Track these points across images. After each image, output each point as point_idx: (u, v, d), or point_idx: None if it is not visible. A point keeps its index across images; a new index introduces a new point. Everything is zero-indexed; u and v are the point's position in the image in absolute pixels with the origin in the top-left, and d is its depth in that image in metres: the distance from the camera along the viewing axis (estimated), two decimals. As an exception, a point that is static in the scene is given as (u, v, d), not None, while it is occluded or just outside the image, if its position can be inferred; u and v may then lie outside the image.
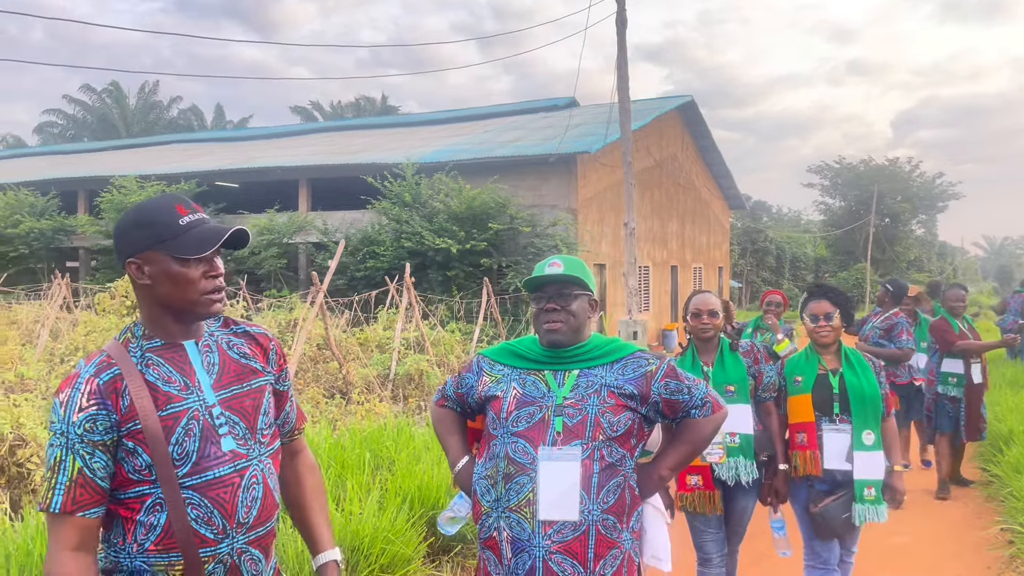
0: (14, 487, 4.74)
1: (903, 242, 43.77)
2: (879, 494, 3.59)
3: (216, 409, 1.80)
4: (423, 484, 4.90)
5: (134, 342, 1.83)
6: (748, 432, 3.64)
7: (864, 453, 3.58)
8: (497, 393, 2.45)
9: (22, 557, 3.51)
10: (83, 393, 1.72)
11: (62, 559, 1.66)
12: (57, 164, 29.77)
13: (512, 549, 2.30)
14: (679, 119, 25.28)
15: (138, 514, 1.73)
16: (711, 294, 3.86)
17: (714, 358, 3.75)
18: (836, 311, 3.72)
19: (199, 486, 1.74)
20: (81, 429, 1.69)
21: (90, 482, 1.69)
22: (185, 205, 1.81)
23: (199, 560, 1.73)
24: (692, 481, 3.66)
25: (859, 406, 3.61)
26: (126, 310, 6.41)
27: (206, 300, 1.81)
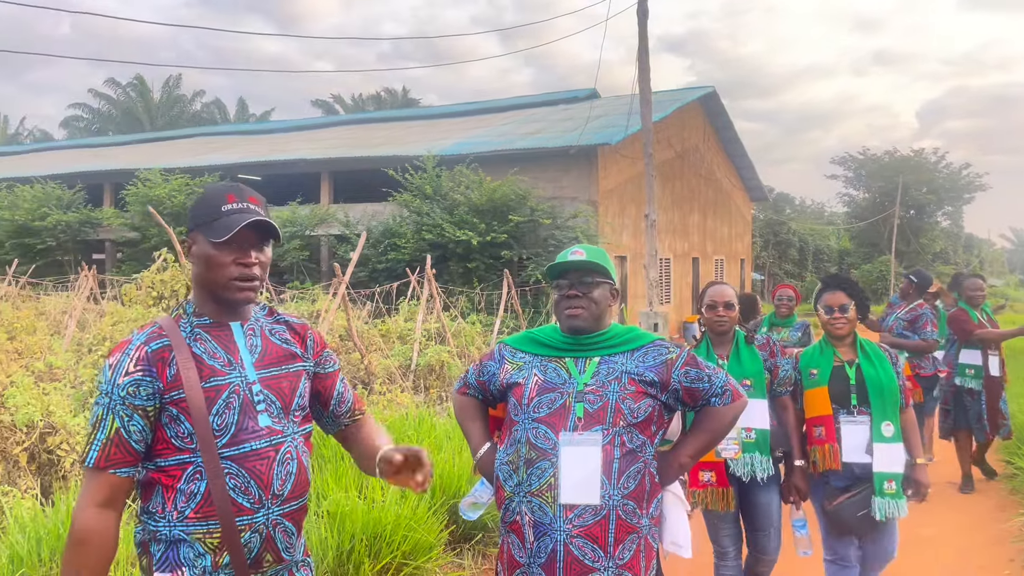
0: (44, 474, 4.85)
1: (928, 234, 43.21)
2: (899, 488, 3.49)
3: (256, 387, 1.89)
4: (444, 473, 4.94)
5: (184, 318, 1.93)
6: (764, 427, 3.56)
7: (884, 445, 3.50)
8: (519, 380, 2.48)
9: (53, 541, 3.60)
10: (132, 359, 1.82)
11: (87, 512, 1.77)
12: (83, 157, 30.14)
13: (534, 533, 2.33)
14: (701, 110, 25.12)
15: (179, 482, 1.81)
16: (727, 285, 3.77)
17: (729, 351, 3.67)
18: (851, 303, 3.65)
19: (236, 457, 1.82)
20: (124, 392, 1.79)
21: (124, 443, 1.79)
22: (237, 195, 1.90)
23: (236, 528, 1.80)
24: (705, 477, 3.57)
25: (877, 397, 3.53)
26: (152, 300, 6.51)
27: (233, 286, 1.88)
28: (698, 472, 3.55)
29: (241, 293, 1.90)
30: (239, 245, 1.87)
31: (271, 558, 1.87)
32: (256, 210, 1.90)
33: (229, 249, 1.87)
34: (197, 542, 1.80)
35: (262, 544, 1.84)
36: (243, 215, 1.87)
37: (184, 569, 1.81)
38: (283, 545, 1.89)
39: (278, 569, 1.91)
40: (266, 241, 1.94)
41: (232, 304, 1.93)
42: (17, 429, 4.72)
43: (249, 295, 1.91)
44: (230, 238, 1.85)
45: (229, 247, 1.87)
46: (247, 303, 1.94)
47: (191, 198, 21.26)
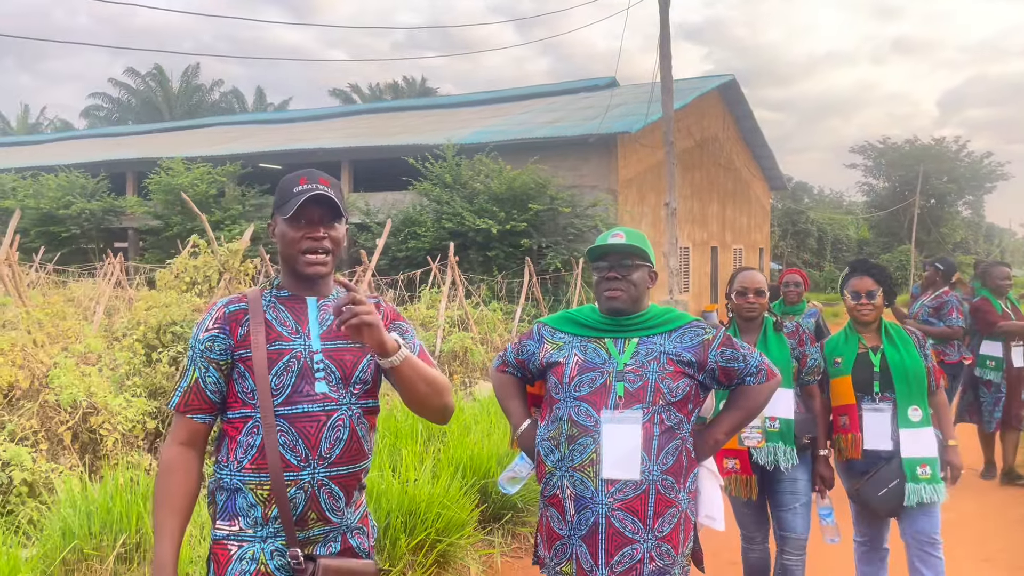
0: (86, 452, 4.99)
1: (949, 223, 42.82)
2: (935, 472, 3.42)
3: (318, 356, 2.02)
4: (474, 455, 5.05)
5: (268, 290, 2.12)
6: (789, 417, 3.50)
7: (911, 430, 3.45)
8: (559, 359, 2.56)
9: (103, 514, 3.73)
10: (212, 318, 2.05)
11: (171, 448, 2.02)
12: (105, 146, 30.45)
13: (575, 506, 2.42)
14: (720, 99, 25.03)
15: (240, 434, 2.00)
16: (757, 272, 3.73)
17: (757, 339, 3.60)
18: (879, 289, 3.59)
19: (289, 416, 1.97)
20: (203, 346, 2.02)
21: (201, 392, 2.01)
22: (309, 178, 2.05)
23: (283, 481, 1.93)
24: (729, 464, 3.55)
25: (902, 382, 3.49)
26: (185, 286, 6.65)
27: (303, 260, 2.04)
28: (722, 459, 3.52)
29: (311, 268, 2.03)
30: (308, 221, 2.02)
31: (315, 516, 1.98)
32: (323, 189, 2.02)
33: (299, 225, 2.02)
34: (250, 492, 1.97)
35: (307, 502, 1.96)
36: (307, 194, 2.00)
37: (240, 519, 1.98)
38: (328, 507, 1.99)
39: (327, 530, 2.02)
40: (335, 219, 2.06)
41: (307, 277, 2.06)
42: (61, 409, 4.86)
43: (319, 268, 2.04)
44: (297, 214, 2.00)
45: (298, 223, 2.02)
46: (318, 275, 2.06)
47: (213, 186, 21.48)
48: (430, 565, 4.16)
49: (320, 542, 2.01)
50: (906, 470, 3.42)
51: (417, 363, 2.02)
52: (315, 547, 2.00)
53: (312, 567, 1.94)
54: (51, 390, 4.91)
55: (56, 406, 4.88)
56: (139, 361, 6.02)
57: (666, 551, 2.40)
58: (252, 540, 1.97)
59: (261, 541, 1.97)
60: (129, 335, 6.46)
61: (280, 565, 1.97)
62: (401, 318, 2.23)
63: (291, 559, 1.95)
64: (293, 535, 1.95)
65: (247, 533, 1.98)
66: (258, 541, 1.97)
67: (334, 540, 2.04)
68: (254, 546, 1.97)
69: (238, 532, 1.98)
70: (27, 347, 5.29)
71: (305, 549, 1.98)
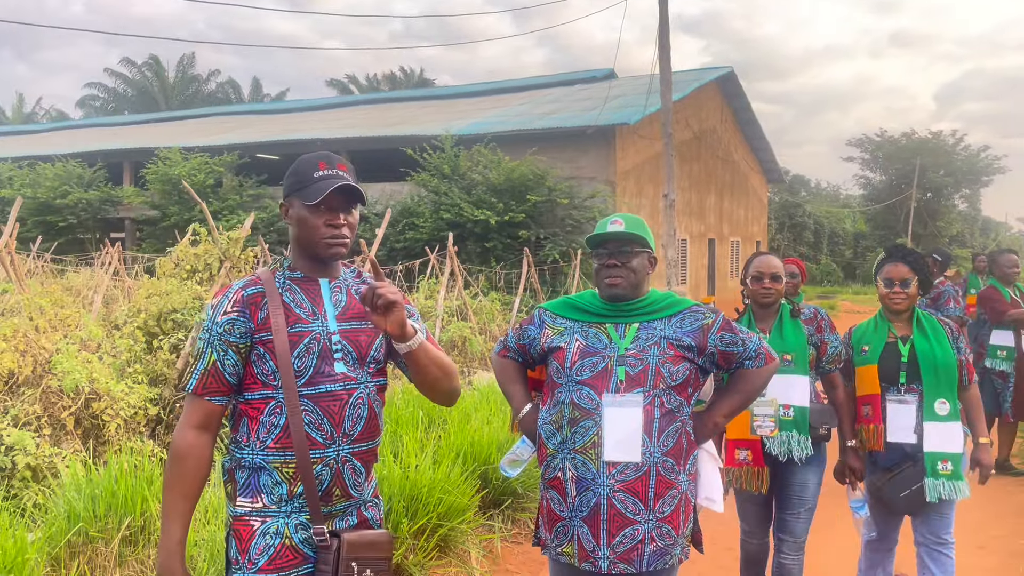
0: (88, 438, 5.02)
1: (945, 217, 42.93)
2: (957, 468, 3.29)
3: (335, 337, 2.07)
4: (474, 441, 5.10)
5: (280, 271, 2.14)
6: (804, 405, 3.41)
7: (936, 424, 3.32)
8: (561, 344, 2.59)
9: (108, 498, 3.77)
10: (230, 300, 2.06)
11: (185, 432, 2.03)
12: (101, 136, 30.38)
13: (577, 488, 2.46)
14: (718, 91, 25.03)
15: (262, 415, 2.03)
16: (774, 256, 3.63)
17: (772, 324, 3.52)
18: (914, 278, 3.44)
19: (313, 396, 2.01)
20: (221, 329, 2.03)
21: (219, 374, 2.03)
22: (328, 163, 2.08)
23: (309, 460, 1.98)
24: (741, 455, 3.44)
25: (930, 374, 3.34)
26: (186, 274, 6.67)
27: (324, 244, 2.07)
28: (734, 450, 3.44)
29: (331, 250, 2.08)
30: (328, 207, 2.05)
31: (339, 492, 2.04)
32: (344, 176, 2.06)
33: (320, 211, 2.05)
34: (275, 471, 2.00)
35: (332, 478, 2.02)
36: (332, 180, 2.03)
37: (263, 496, 2.02)
38: (351, 482, 2.06)
39: (347, 504, 2.08)
40: (353, 204, 2.10)
41: (324, 260, 2.11)
42: (64, 394, 4.90)
43: (338, 252, 2.09)
44: (321, 201, 2.02)
45: (319, 210, 2.05)
46: (337, 259, 2.12)
47: (210, 176, 21.46)
48: (431, 549, 4.21)
49: (340, 516, 2.08)
50: (927, 465, 3.31)
51: (430, 347, 2.08)
52: (335, 521, 2.06)
53: (337, 543, 1.99)
54: (54, 376, 4.94)
55: (59, 392, 4.91)
56: (140, 348, 6.06)
57: (667, 532, 2.43)
58: (276, 516, 2.02)
59: (285, 516, 2.02)
60: (130, 323, 6.49)
61: (304, 539, 2.02)
62: (407, 301, 2.25)
63: (316, 536, 1.99)
64: (319, 512, 2.00)
65: (271, 509, 2.02)
66: (282, 516, 2.02)
67: (352, 514, 2.11)
68: (278, 521, 2.02)
69: (261, 508, 2.02)
70: (29, 333, 5.32)
71: (326, 523, 2.03)
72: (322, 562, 1.99)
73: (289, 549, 2.01)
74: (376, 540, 2.06)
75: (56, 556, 3.54)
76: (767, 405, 3.38)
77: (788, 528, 3.51)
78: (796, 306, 3.56)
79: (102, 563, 3.59)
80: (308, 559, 2.03)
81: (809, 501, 3.48)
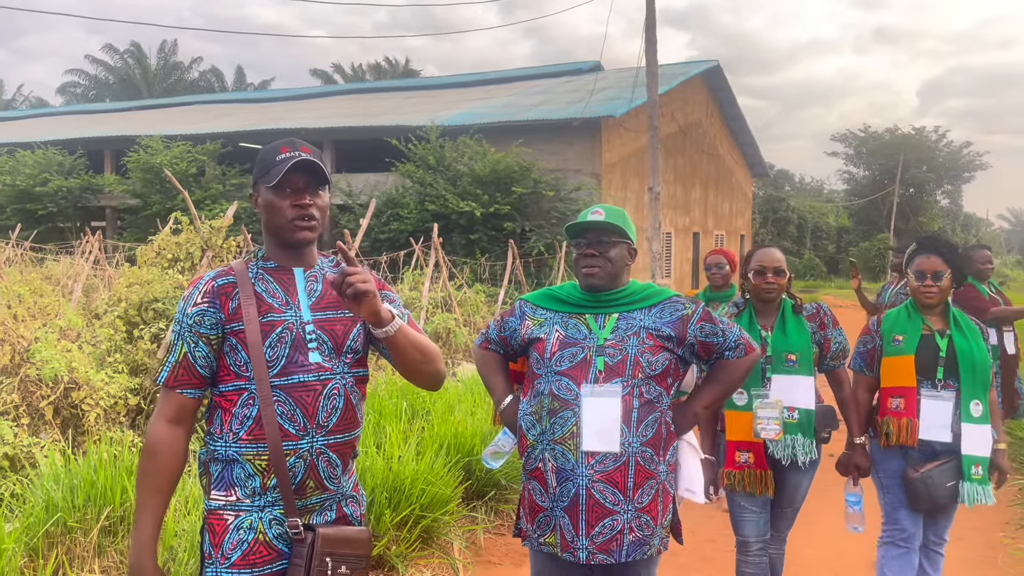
0: (67, 427, 4.98)
1: (927, 212, 43.28)
2: (986, 473, 3.17)
3: (309, 327, 2.03)
4: (458, 432, 5.09)
5: (253, 261, 2.12)
6: (809, 407, 3.26)
7: (972, 426, 3.15)
8: (540, 335, 2.59)
9: (87, 487, 3.73)
10: (200, 292, 2.03)
11: (158, 425, 2.00)
12: (82, 124, 30.04)
13: (557, 478, 2.46)
14: (704, 85, 25.09)
15: (235, 406, 2.00)
16: (776, 249, 3.44)
17: (774, 322, 3.35)
18: (947, 270, 3.24)
19: (285, 387, 1.98)
20: (191, 321, 2.01)
21: (191, 367, 2.00)
22: (291, 146, 2.05)
23: (282, 451, 1.95)
24: (742, 458, 3.27)
25: (969, 373, 3.17)
26: (167, 263, 6.61)
27: (290, 226, 2.03)
28: (735, 452, 3.29)
29: (299, 234, 2.03)
30: (293, 189, 2.02)
31: (314, 485, 2.00)
32: (303, 156, 2.02)
33: (284, 194, 2.02)
34: (248, 463, 1.97)
35: (305, 471, 1.98)
36: (291, 161, 2.00)
37: (236, 489, 1.99)
38: (326, 474, 2.02)
39: (324, 498, 2.04)
40: (320, 186, 2.06)
41: (294, 246, 2.07)
42: (43, 384, 4.85)
43: (307, 235, 2.04)
44: (282, 182, 1.99)
45: (284, 191, 2.02)
46: (306, 244, 2.07)
47: (193, 165, 21.29)
48: (414, 540, 4.21)
49: (316, 510, 2.04)
50: (965, 468, 3.15)
51: (410, 332, 2.03)
52: (312, 516, 2.02)
53: (311, 536, 1.95)
54: (32, 365, 4.89)
55: (37, 381, 4.87)
56: (120, 338, 6.00)
57: (646, 522, 2.44)
58: (250, 510, 1.99)
59: (259, 510, 1.99)
60: (110, 312, 6.43)
61: (278, 534, 1.99)
62: (387, 288, 2.23)
63: (290, 529, 1.97)
64: (292, 505, 1.97)
65: (244, 503, 1.99)
66: (255, 511, 1.99)
67: (330, 508, 2.07)
68: (252, 515, 1.98)
69: (235, 502, 1.99)
70: (7, 321, 5.26)
71: (302, 518, 2.00)
72: (296, 555, 1.96)
73: (263, 545, 1.98)
74: (353, 537, 2.02)
75: (34, 547, 3.51)
76: (771, 407, 3.25)
77: (775, 524, 3.45)
78: (798, 301, 3.40)
79: (80, 553, 3.56)
80: (283, 555, 1.99)
81: (798, 502, 3.44)
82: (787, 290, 3.43)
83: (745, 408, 3.27)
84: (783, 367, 3.26)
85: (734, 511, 3.39)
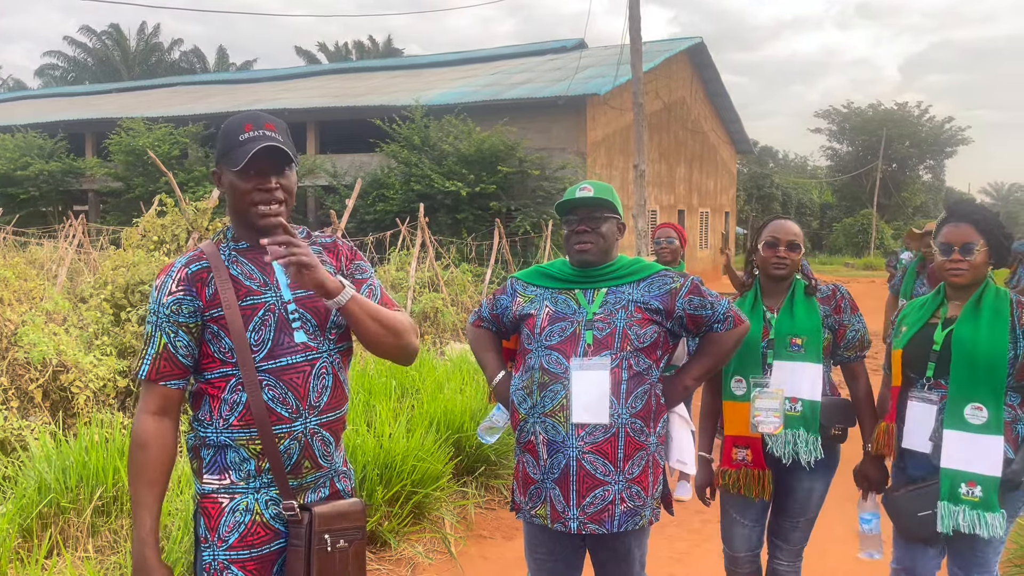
0: (57, 410, 4.98)
1: (910, 188, 43.60)
2: (990, 496, 2.55)
3: (291, 306, 2.00)
4: (447, 410, 5.13)
5: (224, 243, 2.05)
6: (815, 399, 2.88)
7: (963, 435, 2.59)
8: (531, 311, 2.63)
9: (79, 468, 3.75)
10: (174, 280, 1.97)
11: (143, 420, 1.96)
12: (62, 106, 29.64)
13: (548, 451, 2.50)
14: (688, 62, 25.03)
15: (223, 392, 1.97)
16: (792, 221, 3.06)
17: (782, 303, 2.99)
18: (979, 241, 2.66)
19: (274, 370, 1.96)
20: (168, 311, 1.95)
21: (172, 357, 1.95)
22: (255, 123, 1.97)
23: (273, 435, 1.94)
24: (739, 455, 2.95)
25: (964, 368, 2.61)
26: (153, 245, 6.58)
27: (255, 212, 1.98)
28: (731, 449, 2.98)
29: (265, 218, 1.96)
30: (258, 172, 1.94)
31: (309, 464, 2.01)
32: (272, 136, 1.95)
33: (249, 176, 1.94)
34: (242, 447, 1.96)
35: (301, 451, 1.98)
36: (258, 141, 1.92)
37: (231, 472, 1.98)
38: (321, 453, 2.03)
39: (318, 475, 2.05)
40: (286, 165, 1.99)
41: (261, 229, 1.98)
42: (31, 367, 4.84)
43: (273, 220, 1.96)
44: (247, 165, 1.91)
45: (249, 175, 1.94)
46: (273, 226, 1.96)
47: (175, 147, 21.09)
48: (406, 516, 4.26)
49: (311, 488, 2.04)
50: (943, 484, 2.62)
51: (365, 303, 1.99)
52: (306, 494, 2.03)
53: (307, 517, 1.96)
54: (20, 348, 4.88)
55: (26, 364, 4.86)
56: (107, 320, 5.98)
57: (636, 492, 2.48)
58: (245, 492, 1.98)
59: (255, 492, 1.98)
60: (96, 295, 6.41)
61: (275, 514, 1.99)
62: (360, 257, 2.20)
63: (286, 512, 1.97)
64: (287, 488, 1.97)
65: (239, 485, 1.98)
66: (251, 492, 1.98)
67: (323, 485, 2.07)
68: (247, 497, 1.98)
69: (229, 485, 1.98)
70: (-7, 306, 5.24)
71: (298, 497, 2.00)
72: (294, 537, 1.96)
73: (260, 526, 1.98)
74: (348, 510, 2.03)
75: (28, 527, 3.53)
76: (771, 397, 2.88)
77: (784, 534, 3.07)
78: (813, 281, 3.03)
79: (74, 534, 3.58)
80: (280, 534, 2.00)
81: (811, 511, 3.02)
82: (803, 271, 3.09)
83: (743, 398, 2.94)
84: (786, 352, 2.90)
85: (724, 522, 3.09)
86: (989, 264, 2.71)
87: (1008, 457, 2.59)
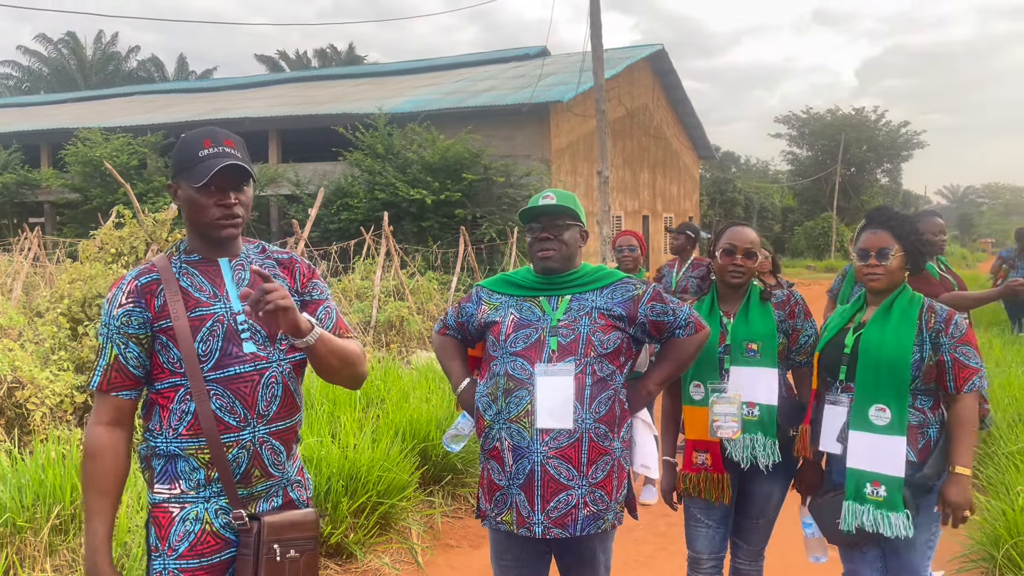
0: (13, 427, 4.86)
1: (868, 191, 44.42)
2: (895, 496, 2.61)
3: (240, 317, 2.02)
4: (413, 419, 5.11)
5: (176, 255, 2.08)
6: (771, 403, 2.91)
7: (867, 435, 2.67)
8: (496, 319, 2.64)
9: (36, 486, 3.67)
10: (124, 292, 2.01)
11: (96, 430, 1.98)
12: (16, 117, 29.02)
13: (513, 456, 2.51)
14: (650, 68, 25.29)
15: (172, 403, 1.99)
16: (750, 228, 3.07)
17: (738, 308, 3.02)
18: (895, 247, 2.74)
19: (222, 380, 1.98)
20: (118, 322, 1.99)
21: (123, 368, 1.98)
22: (213, 140, 2.00)
23: (221, 444, 1.96)
24: (699, 460, 2.97)
25: (869, 372, 2.69)
26: (111, 258, 6.47)
27: (216, 225, 2.01)
28: (692, 453, 2.99)
29: (224, 231, 2.01)
30: (219, 187, 1.97)
31: (259, 473, 2.02)
32: (232, 153, 1.99)
33: (209, 192, 1.97)
34: (191, 457, 1.98)
35: (249, 460, 1.99)
36: (219, 159, 1.96)
37: (181, 482, 1.99)
38: (271, 462, 2.04)
39: (269, 484, 2.05)
40: (244, 181, 2.03)
41: (219, 242, 2.04)
42: (-16, 384, 4.72)
43: (232, 232, 2.02)
44: (208, 181, 1.95)
45: (209, 190, 1.97)
46: (231, 240, 2.05)
47: (134, 157, 20.76)
48: (372, 527, 4.22)
49: (263, 498, 2.05)
50: (848, 484, 2.70)
51: (330, 340, 2.02)
52: (258, 503, 2.03)
53: (257, 526, 1.97)
54: (-28, 365, 4.76)
55: (-21, 381, 4.73)
56: (64, 335, 5.87)
57: (600, 497, 2.50)
58: (195, 501, 1.99)
59: (204, 501, 1.99)
60: (52, 309, 6.28)
61: (225, 523, 2.00)
62: (316, 276, 2.23)
63: (235, 520, 1.97)
64: (236, 497, 1.98)
65: (189, 495, 1.99)
66: (201, 501, 1.99)
67: (276, 495, 2.08)
68: (197, 506, 1.99)
69: (179, 494, 1.99)
70: (-56, 322, 5.10)
71: (248, 506, 2.01)
72: (243, 546, 1.97)
73: (210, 535, 1.99)
74: (299, 520, 2.03)
75: (-18, 548, 3.44)
76: (728, 403, 2.91)
77: (745, 535, 3.10)
78: (768, 287, 3.07)
79: (31, 553, 3.50)
80: (230, 544, 2.00)
81: (771, 513, 3.05)
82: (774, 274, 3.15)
83: (702, 403, 2.96)
84: (743, 358, 2.94)
85: (688, 523, 3.10)
86: (905, 269, 2.79)
87: (910, 460, 2.65)
